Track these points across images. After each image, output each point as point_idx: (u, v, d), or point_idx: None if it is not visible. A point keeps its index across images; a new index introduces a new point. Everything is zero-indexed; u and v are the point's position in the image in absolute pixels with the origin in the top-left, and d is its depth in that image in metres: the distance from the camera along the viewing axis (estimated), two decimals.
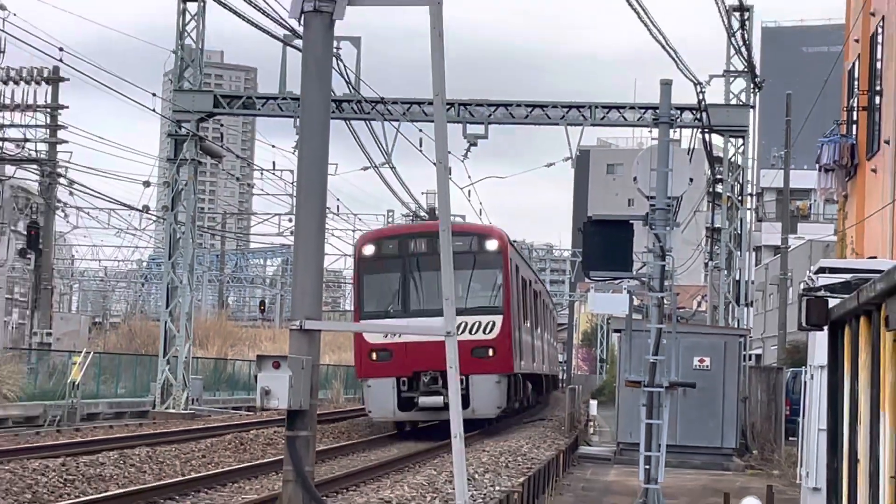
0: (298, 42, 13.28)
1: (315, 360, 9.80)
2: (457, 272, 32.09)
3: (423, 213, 53.32)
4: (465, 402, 32.37)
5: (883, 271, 5.33)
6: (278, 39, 35.63)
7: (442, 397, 32.69)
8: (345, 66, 38.71)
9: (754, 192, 50.99)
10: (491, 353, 37.19)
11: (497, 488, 19.78)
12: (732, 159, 44.95)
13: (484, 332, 37.00)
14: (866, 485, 5.16)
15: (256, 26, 33.10)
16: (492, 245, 38.27)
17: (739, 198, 44.90)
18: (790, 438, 30.28)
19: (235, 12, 32.38)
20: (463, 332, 33.29)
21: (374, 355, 36.90)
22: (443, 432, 30.99)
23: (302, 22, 10.46)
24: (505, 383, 37.99)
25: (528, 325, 47.40)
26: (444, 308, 10.93)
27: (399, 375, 36.09)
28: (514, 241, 51.11)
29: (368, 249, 38.48)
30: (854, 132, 40.87)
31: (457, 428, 10.07)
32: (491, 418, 38.57)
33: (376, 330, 34.50)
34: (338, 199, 77.73)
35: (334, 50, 11.96)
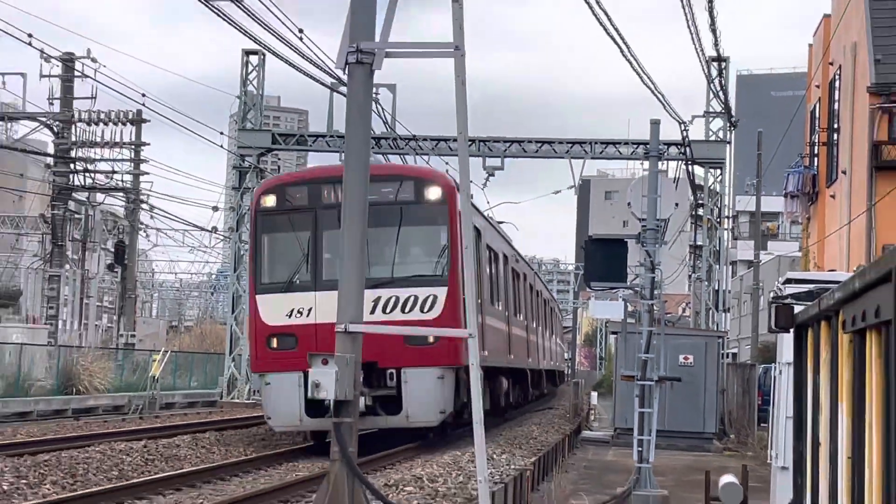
0: (344, 88, 13.31)
1: (357, 358, 9.79)
2: (383, 230, 23.16)
3: None
4: (398, 405, 23.31)
5: (840, 282, 5.32)
6: (326, 86, 35.84)
7: (364, 399, 21.57)
8: (382, 108, 38.80)
9: (730, 215, 50.80)
10: (431, 339, 23.10)
11: (512, 466, 19.70)
12: (712, 187, 44.91)
13: (421, 310, 23.60)
14: (826, 464, 5.11)
15: (308, 75, 33.19)
16: (433, 193, 24.37)
17: (718, 220, 44.82)
18: (762, 425, 30.11)
19: (290, 63, 32.46)
20: (391, 310, 23.12)
21: (273, 341, 23.84)
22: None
23: (346, 71, 10.46)
24: (451, 380, 23.91)
25: (523, 318, 36.78)
26: (467, 305, 10.73)
27: (308, 370, 19.58)
28: (498, 222, 37.92)
29: (269, 200, 24.76)
30: (815, 164, 40.87)
31: (477, 415, 10.01)
32: (433, 427, 24.61)
33: (409, 332, 21.47)
34: None
35: (373, 95, 11.92)
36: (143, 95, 42.83)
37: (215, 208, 62.20)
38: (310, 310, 23.33)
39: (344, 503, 9.41)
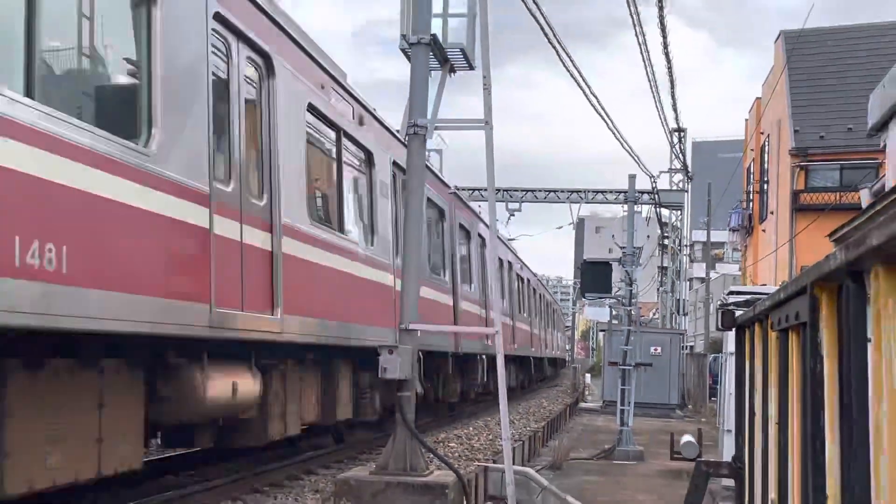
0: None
1: (415, 349, 9.82)
2: None
3: None
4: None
5: (769, 294, 5.32)
6: None
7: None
8: (432, 166, 38.67)
9: (688, 244, 50.56)
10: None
11: (528, 427, 19.62)
12: (674, 223, 44.75)
13: None
14: (760, 428, 5.08)
15: None
16: None
17: (678, 247, 44.59)
18: (712, 399, 29.83)
19: None
20: None
21: None
22: None
23: (406, 140, 10.53)
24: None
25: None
26: (494, 305, 10.74)
27: None
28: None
29: None
30: (751, 206, 40.73)
31: (502, 390, 9.98)
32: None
33: (451, 330, 16.70)
34: None
35: (426, 156, 12.01)
36: None
37: None
38: None
39: (405, 456, 9.44)
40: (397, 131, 14.39)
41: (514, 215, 41.66)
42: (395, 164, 13.74)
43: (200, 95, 7.82)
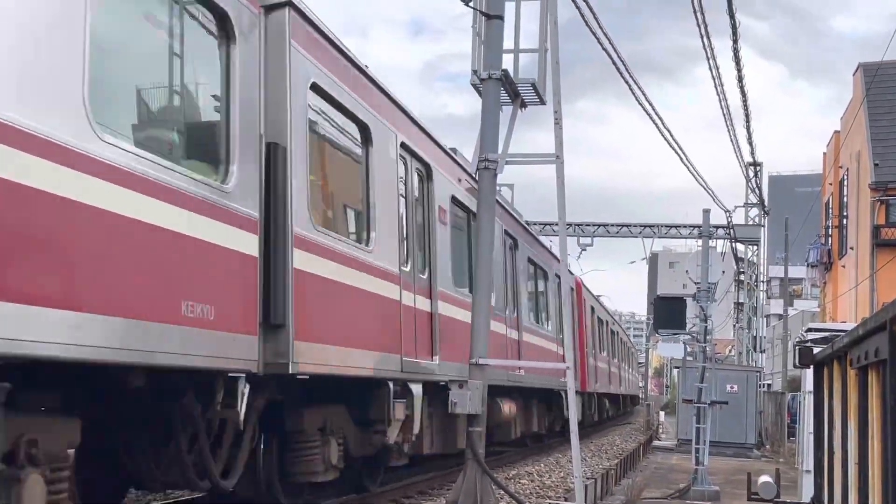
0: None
1: (485, 383, 9.78)
2: None
3: None
4: None
5: (848, 331, 5.18)
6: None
7: None
8: (504, 202, 38.67)
9: (765, 280, 49.71)
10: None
11: (601, 465, 19.39)
12: (750, 259, 44.05)
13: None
14: (840, 468, 4.93)
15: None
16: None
17: (755, 283, 43.86)
18: (790, 438, 29.16)
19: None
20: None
21: None
22: None
23: (477, 175, 10.57)
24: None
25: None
26: (566, 344, 10.64)
27: None
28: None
29: None
30: (829, 242, 40.01)
31: (574, 425, 9.88)
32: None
33: (527, 366, 16.60)
34: None
35: (497, 191, 12.22)
36: None
37: None
38: None
39: (475, 492, 9.37)
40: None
41: (585, 250, 41.50)
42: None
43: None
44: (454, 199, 13.31)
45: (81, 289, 5.36)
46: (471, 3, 9.83)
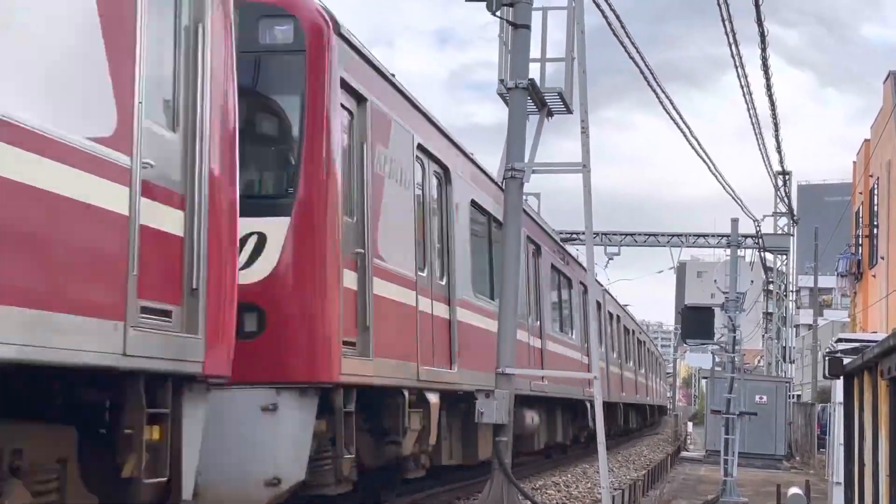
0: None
1: (511, 393, 9.77)
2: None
3: None
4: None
5: (879, 341, 5.14)
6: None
7: None
8: (529, 210, 38.60)
9: (794, 290, 49.33)
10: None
11: (628, 476, 19.30)
12: (779, 268, 43.73)
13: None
14: (870, 480, 4.89)
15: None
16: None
17: (784, 293, 43.55)
18: (820, 450, 28.88)
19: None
20: None
21: None
22: None
23: (504, 185, 10.57)
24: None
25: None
26: (591, 350, 10.66)
27: None
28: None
29: None
30: (859, 251, 39.68)
31: (601, 437, 9.85)
32: None
33: (554, 375, 16.30)
34: None
35: (524, 200, 12.30)
36: None
37: None
38: None
39: (502, 501, 9.35)
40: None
41: (612, 259, 41.37)
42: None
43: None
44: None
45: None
46: (498, 13, 9.85)
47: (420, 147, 10.55)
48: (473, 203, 12.88)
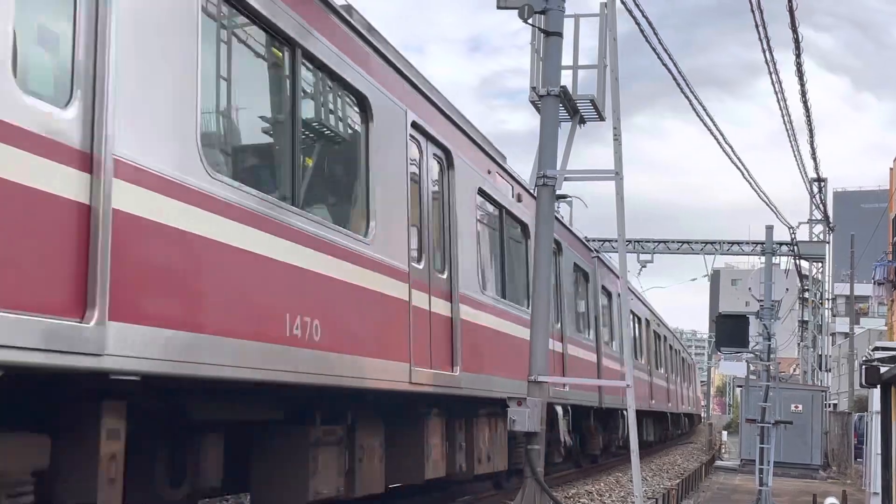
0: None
1: (544, 401, 9.75)
2: None
3: None
4: None
5: None
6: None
7: None
8: (561, 217, 38.50)
9: (830, 298, 48.83)
10: None
11: (661, 485, 19.18)
12: (815, 276, 43.34)
13: None
14: None
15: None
16: None
17: (820, 301, 43.13)
18: (857, 459, 28.57)
19: None
20: None
21: None
22: None
23: (535, 191, 10.58)
24: None
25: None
26: (625, 360, 10.56)
27: None
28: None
29: None
30: None
31: (634, 445, 9.81)
32: None
33: (586, 383, 17.01)
34: None
35: (556, 207, 12.27)
36: None
37: None
38: None
39: None
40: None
41: (645, 267, 41.18)
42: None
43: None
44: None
45: None
46: (530, 21, 9.86)
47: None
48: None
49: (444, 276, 10.44)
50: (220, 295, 6.12)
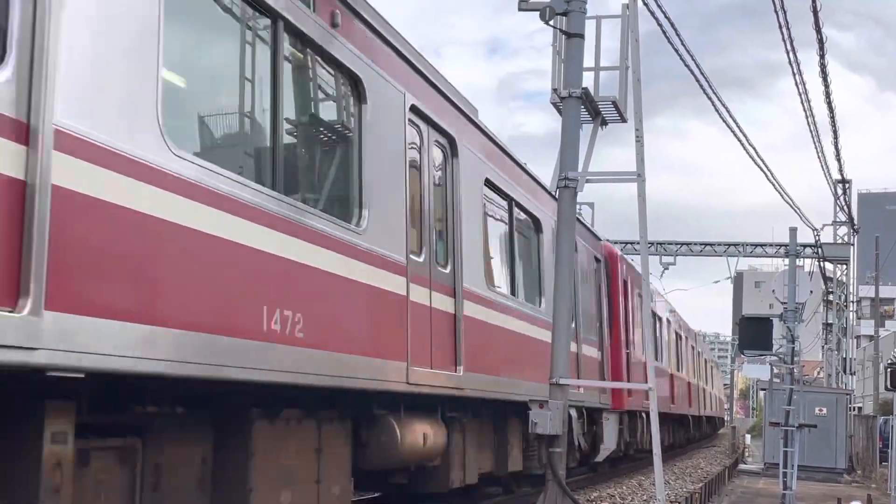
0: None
1: (565, 404, 9.73)
2: None
3: None
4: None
5: None
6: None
7: None
8: (583, 219, 38.37)
9: (855, 300, 48.53)
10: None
11: (684, 489, 19.09)
12: (839, 278, 43.09)
13: None
14: None
15: None
16: None
17: (844, 303, 42.86)
18: (883, 463, 28.34)
19: None
20: None
21: None
22: None
23: (557, 194, 10.57)
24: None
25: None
26: (648, 364, 10.52)
27: None
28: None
29: None
30: None
31: (657, 449, 9.78)
32: None
33: (600, 385, 16.82)
34: None
35: (577, 209, 12.24)
36: None
37: None
38: None
39: None
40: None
41: (667, 269, 41.06)
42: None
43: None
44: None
45: None
46: (551, 23, 9.86)
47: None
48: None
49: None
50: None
